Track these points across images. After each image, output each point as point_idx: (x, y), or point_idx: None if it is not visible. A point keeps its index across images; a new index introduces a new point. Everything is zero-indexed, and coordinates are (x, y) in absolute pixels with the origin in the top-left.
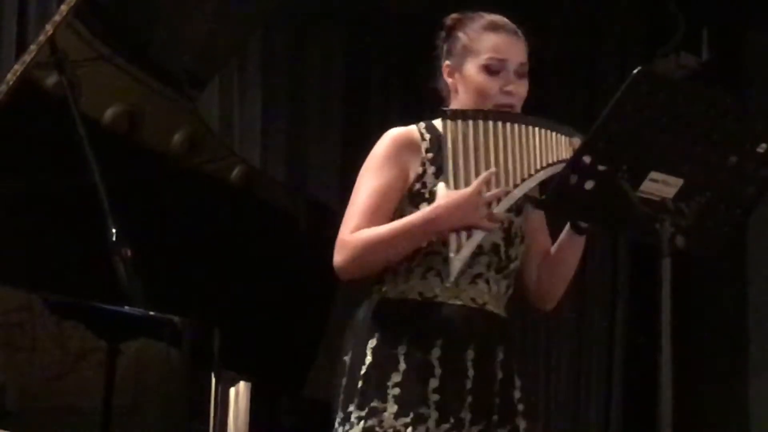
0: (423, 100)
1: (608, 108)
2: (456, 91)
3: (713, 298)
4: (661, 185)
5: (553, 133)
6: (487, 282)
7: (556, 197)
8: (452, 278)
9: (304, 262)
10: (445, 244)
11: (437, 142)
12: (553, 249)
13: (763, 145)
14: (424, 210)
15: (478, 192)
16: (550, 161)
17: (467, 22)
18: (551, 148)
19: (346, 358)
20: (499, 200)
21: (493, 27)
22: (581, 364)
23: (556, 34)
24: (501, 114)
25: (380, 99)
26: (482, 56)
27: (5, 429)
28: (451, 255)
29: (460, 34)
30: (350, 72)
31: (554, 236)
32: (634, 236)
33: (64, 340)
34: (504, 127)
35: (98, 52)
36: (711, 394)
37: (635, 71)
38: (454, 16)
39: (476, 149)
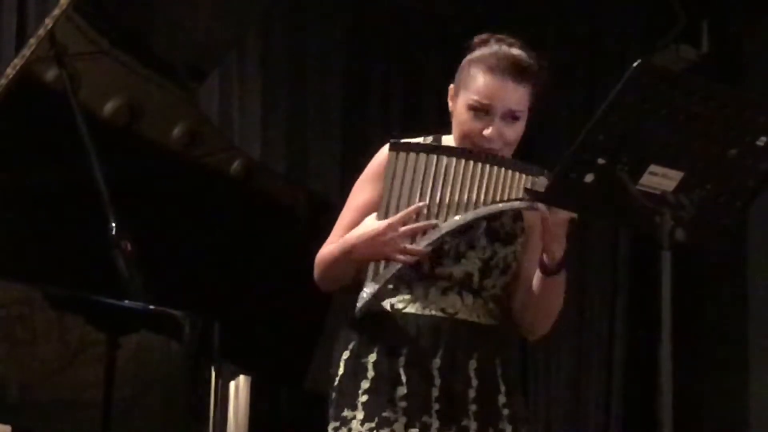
0: (423, 95)
1: (608, 101)
2: (452, 116)
3: (713, 291)
4: (660, 178)
5: (509, 172)
6: (460, 294)
7: (556, 191)
8: (357, 309)
9: (304, 255)
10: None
11: None
12: (533, 283)
13: (763, 138)
14: (346, 236)
15: (396, 225)
16: (498, 199)
17: (482, 49)
18: (502, 187)
19: (331, 371)
20: (425, 233)
21: (491, 66)
22: (581, 358)
23: (556, 26)
24: (449, 149)
25: (380, 92)
26: (470, 95)
27: (5, 422)
28: (366, 283)
29: (467, 62)
30: (350, 65)
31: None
32: (634, 229)
33: (64, 334)
34: (449, 161)
35: (98, 46)
36: (711, 388)
37: (635, 64)
38: (480, 36)
39: (413, 182)
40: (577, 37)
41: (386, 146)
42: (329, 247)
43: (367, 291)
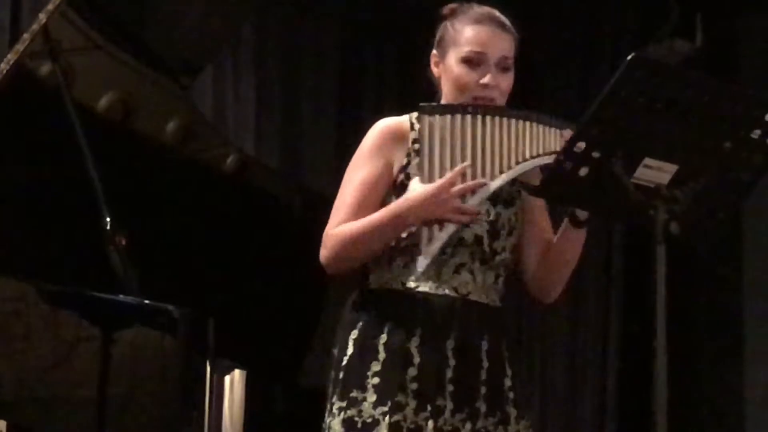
0: (417, 87)
1: (602, 94)
2: (440, 82)
3: (708, 284)
4: (655, 171)
5: (540, 126)
6: (471, 272)
7: (550, 184)
8: (419, 271)
9: (298, 251)
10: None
11: None
12: (553, 241)
13: (757, 131)
14: (393, 204)
15: (448, 186)
16: (534, 153)
17: (458, 13)
18: (536, 140)
19: (334, 351)
20: (474, 192)
21: (477, 19)
22: (576, 351)
23: (550, 19)
24: (479, 107)
25: (374, 86)
26: (462, 48)
27: (0, 418)
28: (421, 248)
29: (448, 25)
30: (344, 59)
31: (556, 227)
32: (628, 223)
33: (59, 329)
34: (483, 120)
35: (92, 41)
36: (706, 381)
37: (629, 57)
38: (449, 6)
39: (452, 144)
40: (571, 30)
41: (380, 121)
42: (355, 224)
43: (426, 256)
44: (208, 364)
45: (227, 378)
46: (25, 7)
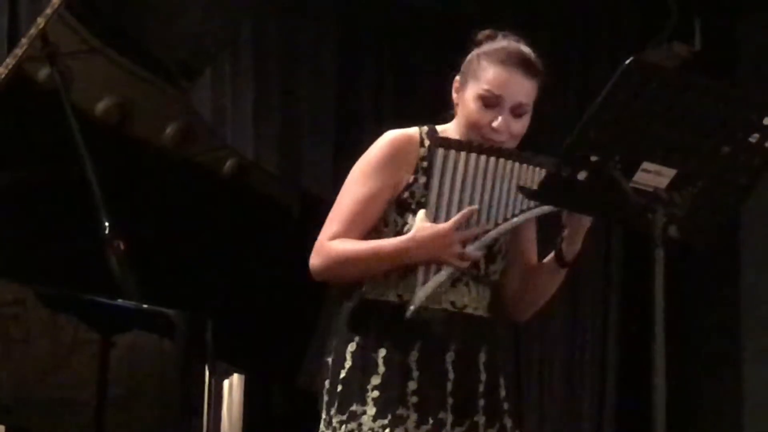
0: (415, 92)
1: (600, 98)
2: (456, 108)
3: (707, 286)
4: (653, 175)
5: (544, 171)
6: (467, 285)
7: (549, 188)
8: (412, 310)
9: (296, 254)
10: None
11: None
12: (536, 267)
13: (756, 135)
14: (398, 239)
15: (454, 230)
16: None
17: (490, 44)
18: None
19: (329, 360)
20: (476, 238)
21: (502, 59)
22: (574, 354)
23: (549, 22)
24: (493, 150)
25: (373, 89)
26: (481, 85)
27: (0, 422)
28: (417, 287)
29: (476, 54)
30: (343, 62)
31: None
32: (627, 226)
33: (57, 333)
34: (496, 162)
35: (90, 45)
36: (705, 383)
37: (627, 61)
38: (485, 32)
39: (464, 182)
40: (570, 33)
41: (388, 133)
42: (354, 246)
43: (420, 295)
44: (206, 367)
45: (226, 382)
46: (23, 11)
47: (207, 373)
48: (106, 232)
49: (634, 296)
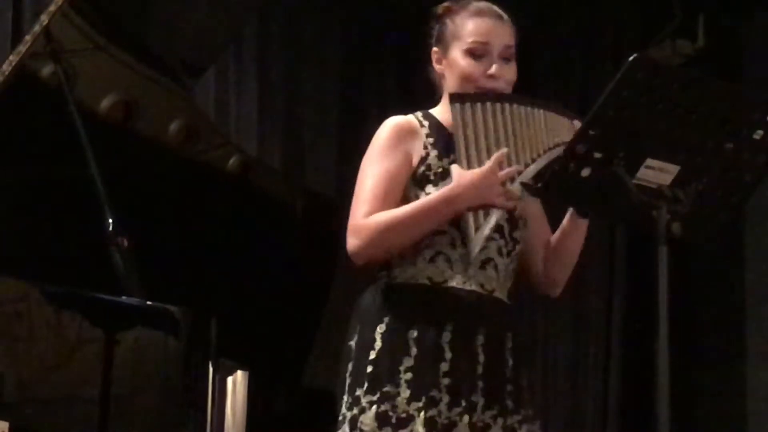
0: (419, 86)
1: (604, 95)
2: (444, 78)
3: (710, 284)
4: (657, 172)
5: (556, 115)
6: (495, 268)
7: (553, 185)
8: (473, 256)
9: (301, 251)
10: (456, 226)
11: (436, 127)
12: (555, 237)
13: (760, 132)
14: (443, 189)
15: (494, 170)
16: (556, 142)
17: (455, 9)
18: (555, 129)
19: (352, 343)
20: (512, 179)
21: (477, 12)
22: (578, 351)
23: (552, 20)
24: (506, 96)
25: (377, 85)
26: (466, 40)
27: (3, 419)
28: (470, 235)
29: (448, 21)
30: (347, 58)
31: (554, 225)
32: (630, 224)
33: (61, 330)
34: (511, 108)
35: (94, 42)
36: (708, 381)
37: (631, 58)
38: (443, 5)
39: (486, 130)
40: (572, 31)
41: (390, 119)
42: (396, 211)
43: (479, 237)
44: (210, 364)
45: (230, 379)
46: (27, 8)
47: (211, 369)
48: (110, 229)
49: (637, 293)
